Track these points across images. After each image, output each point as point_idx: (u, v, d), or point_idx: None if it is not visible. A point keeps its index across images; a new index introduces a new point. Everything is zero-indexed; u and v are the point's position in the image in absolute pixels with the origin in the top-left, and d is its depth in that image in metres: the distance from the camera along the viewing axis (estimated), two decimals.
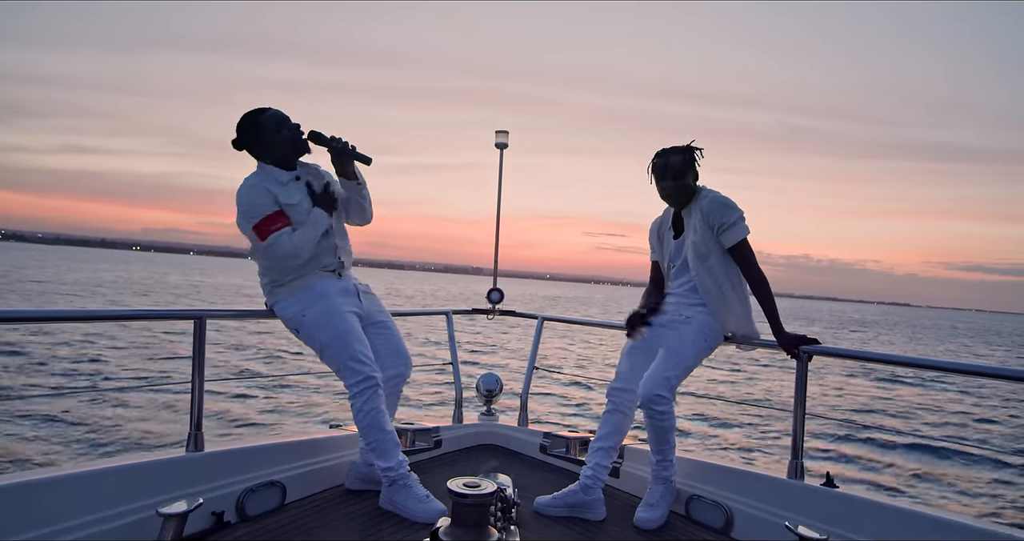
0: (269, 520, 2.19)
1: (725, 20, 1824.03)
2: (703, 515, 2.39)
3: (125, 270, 60.56)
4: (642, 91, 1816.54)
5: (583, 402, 11.00)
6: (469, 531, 1.51)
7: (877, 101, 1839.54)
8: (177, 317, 2.38)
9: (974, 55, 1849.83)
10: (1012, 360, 31.84)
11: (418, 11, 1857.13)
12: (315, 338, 2.31)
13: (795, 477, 2.22)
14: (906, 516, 1.94)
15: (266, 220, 2.22)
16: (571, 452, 3.00)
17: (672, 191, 2.43)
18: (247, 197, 2.24)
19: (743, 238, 2.33)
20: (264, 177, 2.30)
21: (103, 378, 10.47)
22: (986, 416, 12.82)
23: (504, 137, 3.52)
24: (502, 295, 3.55)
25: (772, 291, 2.34)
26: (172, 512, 1.42)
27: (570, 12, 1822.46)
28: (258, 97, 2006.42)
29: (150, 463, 2.01)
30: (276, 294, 2.35)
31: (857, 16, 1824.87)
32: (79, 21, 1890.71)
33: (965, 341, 46.47)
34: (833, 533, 1.97)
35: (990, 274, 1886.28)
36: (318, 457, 2.51)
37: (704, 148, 2.44)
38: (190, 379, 2.16)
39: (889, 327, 60.70)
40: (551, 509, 2.40)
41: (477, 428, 3.30)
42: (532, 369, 3.34)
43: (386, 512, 2.31)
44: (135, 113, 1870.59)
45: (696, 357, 2.36)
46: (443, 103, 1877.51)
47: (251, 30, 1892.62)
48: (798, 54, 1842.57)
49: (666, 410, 2.27)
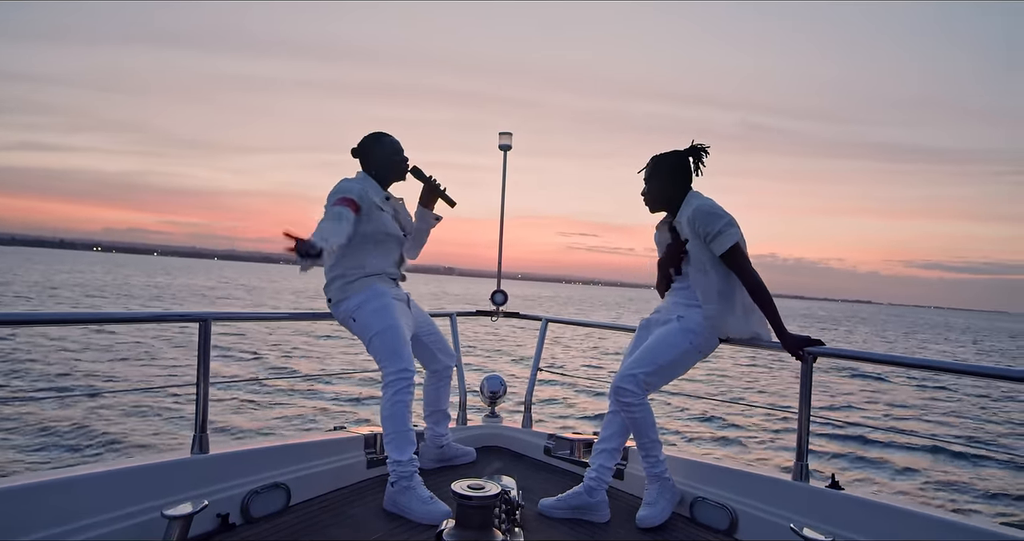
0: (274, 522, 2.20)
1: (704, 20, 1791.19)
2: (707, 517, 2.39)
3: (77, 271, 58.75)
4: (616, 92, 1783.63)
5: (587, 404, 10.99)
6: (473, 533, 1.51)
7: (844, 101, 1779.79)
8: (183, 319, 2.40)
9: (941, 55, 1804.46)
10: (971, 356, 32.25)
11: (387, 10, 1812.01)
12: (369, 326, 2.50)
13: (800, 479, 2.22)
14: (912, 518, 1.94)
15: (341, 200, 2.46)
16: (575, 454, 3.00)
17: (645, 197, 2.51)
18: (343, 184, 2.54)
19: (733, 245, 2.30)
20: (365, 184, 2.60)
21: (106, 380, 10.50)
22: (993, 417, 12.76)
23: (508, 139, 3.52)
24: (506, 297, 3.54)
25: (770, 294, 2.33)
26: (177, 514, 1.43)
27: (546, 13, 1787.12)
28: (231, 95, 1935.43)
29: (155, 465, 2.02)
30: (345, 290, 2.56)
31: (828, 15, 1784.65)
32: (37, 12, 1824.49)
33: (922, 337, 46.84)
34: (838, 535, 1.96)
35: (948, 272, 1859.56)
36: (323, 459, 2.52)
37: (709, 146, 2.44)
38: (195, 381, 2.17)
39: (856, 324, 62.09)
40: (555, 511, 2.40)
41: (481, 430, 3.30)
42: (536, 371, 3.34)
43: (391, 514, 2.32)
44: (99, 109, 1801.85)
45: (677, 357, 2.36)
46: (423, 102, 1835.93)
47: (224, 25, 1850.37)
48: (768, 53, 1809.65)
49: (633, 402, 2.29)
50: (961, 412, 13.11)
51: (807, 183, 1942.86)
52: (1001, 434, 11.41)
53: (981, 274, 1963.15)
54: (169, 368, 11.99)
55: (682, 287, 2.49)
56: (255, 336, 16.89)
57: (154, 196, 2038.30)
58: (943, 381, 16.53)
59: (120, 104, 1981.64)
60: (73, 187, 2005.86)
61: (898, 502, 2.07)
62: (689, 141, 2.46)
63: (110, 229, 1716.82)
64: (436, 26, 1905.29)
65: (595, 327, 3.60)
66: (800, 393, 2.24)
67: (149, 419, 8.11)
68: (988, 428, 11.80)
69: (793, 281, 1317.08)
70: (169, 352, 13.79)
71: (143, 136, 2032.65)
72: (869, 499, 2.07)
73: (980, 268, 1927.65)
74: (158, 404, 8.73)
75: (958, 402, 14.35)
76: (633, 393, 2.29)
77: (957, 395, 15.23)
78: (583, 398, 11.53)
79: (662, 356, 2.34)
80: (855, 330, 49.36)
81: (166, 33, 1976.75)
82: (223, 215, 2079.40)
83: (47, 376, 10.32)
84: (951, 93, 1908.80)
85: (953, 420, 12.26)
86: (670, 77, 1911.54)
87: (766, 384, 15.05)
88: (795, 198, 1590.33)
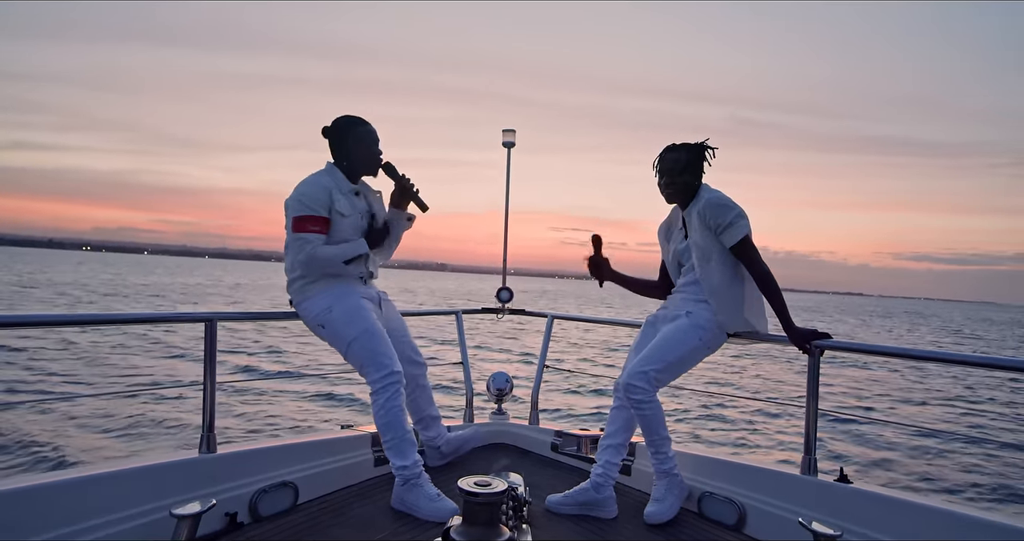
0: (282, 520, 2.20)
1: (695, 18, 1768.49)
2: (716, 512, 2.38)
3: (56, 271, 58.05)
4: (605, 88, 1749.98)
5: (594, 400, 10.99)
6: (480, 530, 1.51)
7: (837, 98, 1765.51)
8: (188, 320, 2.40)
9: (932, 52, 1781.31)
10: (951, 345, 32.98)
11: (383, 9, 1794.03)
12: (341, 334, 2.37)
13: (808, 473, 2.21)
14: (921, 511, 1.93)
15: (309, 218, 2.33)
16: (582, 450, 3.00)
17: (665, 188, 2.46)
18: (308, 189, 2.37)
19: (743, 237, 2.30)
20: (331, 180, 2.44)
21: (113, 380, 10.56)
22: (1006, 410, 12.68)
23: (511, 136, 3.51)
24: (511, 294, 3.54)
25: (779, 286, 2.32)
26: (185, 513, 1.43)
27: (536, 9, 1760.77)
28: (225, 93, 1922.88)
29: (163, 465, 2.03)
30: (307, 291, 2.42)
31: (820, 14, 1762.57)
32: (31, 11, 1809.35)
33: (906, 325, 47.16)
34: (847, 529, 1.95)
35: (937, 263, 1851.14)
36: (330, 457, 2.52)
37: (718, 147, 2.43)
38: (202, 381, 2.18)
39: (844, 315, 62.61)
40: (562, 507, 2.40)
41: (488, 427, 3.30)
42: (543, 367, 3.34)
43: (398, 512, 2.32)
44: (91, 108, 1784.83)
45: (687, 353, 2.35)
46: (418, 99, 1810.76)
47: (220, 23, 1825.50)
48: (761, 50, 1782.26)
49: (643, 400, 2.28)
50: (973, 403, 13.04)
51: (798, 177, 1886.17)
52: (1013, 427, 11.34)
53: (969, 265, 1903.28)
54: (179, 367, 12.05)
55: (689, 282, 2.48)
56: (261, 335, 16.97)
57: (146, 195, 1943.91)
58: (954, 372, 16.45)
59: (113, 103, 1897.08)
60: (64, 186, 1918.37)
61: (907, 495, 2.06)
62: (679, 136, 2.46)
63: (100, 228, 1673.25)
64: (432, 26, 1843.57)
65: (601, 323, 3.59)
66: (807, 386, 2.23)
67: (157, 419, 8.15)
68: (1000, 421, 11.73)
69: (785, 274, 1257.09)
70: (175, 353, 13.85)
71: (136, 135, 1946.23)
72: (878, 492, 2.06)
73: (968, 259, 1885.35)
74: (165, 404, 8.77)
75: (969, 393, 14.28)
76: (644, 390, 2.28)
77: (969, 386, 15.15)
78: (589, 394, 11.53)
79: (672, 353, 2.33)
80: (845, 320, 50.00)
81: (162, 31, 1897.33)
82: (215, 214, 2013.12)
83: (48, 379, 10.37)
84: (945, 90, 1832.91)
85: (964, 411, 12.20)
86: (661, 74, 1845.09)
87: (771, 376, 15.01)
88: (786, 192, 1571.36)
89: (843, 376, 15.61)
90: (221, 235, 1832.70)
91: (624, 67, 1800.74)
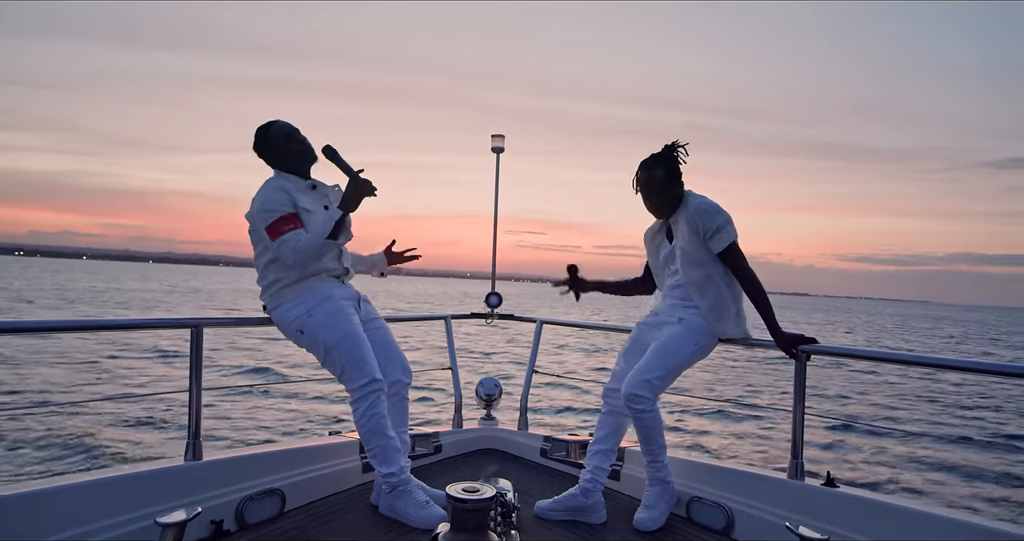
0: (269, 528, 2.19)
1: (650, 25, 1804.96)
2: (704, 516, 2.39)
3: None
4: (556, 93, 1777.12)
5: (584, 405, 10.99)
6: (469, 536, 1.50)
7: (785, 103, 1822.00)
8: (174, 326, 2.38)
9: (874, 60, 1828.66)
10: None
11: (344, 12, 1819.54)
12: (320, 340, 2.29)
13: (795, 477, 2.22)
14: (907, 515, 1.94)
15: (281, 220, 2.26)
16: (571, 456, 3.00)
17: (655, 208, 2.47)
18: (267, 194, 2.30)
19: (731, 242, 2.32)
20: (284, 181, 2.37)
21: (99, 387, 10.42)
22: (989, 413, 12.82)
23: (500, 141, 3.51)
24: (500, 299, 3.53)
25: (765, 291, 2.34)
26: (170, 521, 1.42)
27: (492, 15, 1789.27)
28: (173, 93, 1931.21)
29: (148, 472, 2.01)
30: (281, 296, 2.34)
31: (767, 19, 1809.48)
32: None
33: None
34: (834, 533, 1.97)
35: (877, 264, 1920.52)
36: (317, 464, 2.51)
37: (688, 143, 2.44)
38: (188, 388, 2.16)
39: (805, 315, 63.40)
40: (551, 513, 2.40)
41: (477, 433, 3.29)
42: (532, 373, 3.33)
43: (386, 518, 2.31)
44: (23, 106, 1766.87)
45: (685, 359, 2.36)
46: (374, 101, 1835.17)
47: (173, 22, 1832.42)
48: (708, 56, 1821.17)
49: (646, 409, 2.28)
50: (955, 407, 13.17)
51: (747, 181, 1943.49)
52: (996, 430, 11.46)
53: (906, 266, 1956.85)
54: (161, 375, 11.92)
55: (675, 285, 2.49)
56: (247, 341, 16.83)
57: (90, 197, 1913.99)
58: (937, 376, 16.60)
59: (46, 100, 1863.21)
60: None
61: (894, 499, 2.07)
62: (634, 141, 2.47)
63: (37, 232, 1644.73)
64: (378, 26, 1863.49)
65: (590, 328, 3.59)
66: (794, 391, 2.25)
67: (141, 426, 8.06)
68: (983, 422, 11.86)
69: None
70: (160, 359, 13.71)
71: (73, 135, 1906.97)
72: (864, 496, 2.08)
73: (904, 260, 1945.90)
74: (150, 411, 8.67)
75: (953, 397, 14.42)
76: (647, 399, 2.27)
77: (951, 389, 15.30)
78: (578, 399, 11.52)
79: (671, 359, 2.33)
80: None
81: (113, 29, 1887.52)
82: (163, 217, 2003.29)
83: (33, 387, 10.22)
84: (886, 97, 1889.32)
85: (948, 414, 12.31)
86: (613, 79, 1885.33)
87: (761, 381, 15.09)
88: (736, 195, 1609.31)
89: (830, 378, 15.72)
90: (168, 239, 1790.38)
91: (575, 72, 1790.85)
